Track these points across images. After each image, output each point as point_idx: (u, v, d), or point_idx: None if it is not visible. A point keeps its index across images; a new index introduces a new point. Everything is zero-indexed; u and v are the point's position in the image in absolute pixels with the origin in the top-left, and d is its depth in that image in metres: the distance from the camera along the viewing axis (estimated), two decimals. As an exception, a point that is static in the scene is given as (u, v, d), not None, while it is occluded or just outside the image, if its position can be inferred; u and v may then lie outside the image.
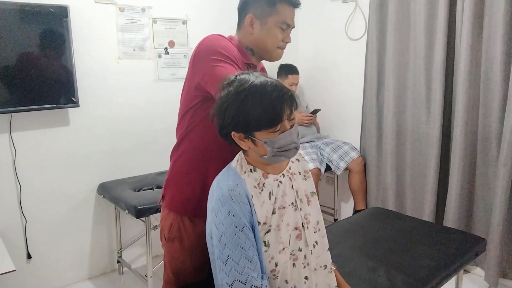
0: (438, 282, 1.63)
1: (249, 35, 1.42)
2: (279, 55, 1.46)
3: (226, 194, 1.10)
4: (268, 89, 1.08)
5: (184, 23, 2.93)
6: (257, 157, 1.16)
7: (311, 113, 3.29)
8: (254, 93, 1.08)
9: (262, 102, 1.07)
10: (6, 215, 2.36)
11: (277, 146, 1.10)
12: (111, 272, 2.81)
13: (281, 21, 1.39)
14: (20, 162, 2.38)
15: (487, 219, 2.45)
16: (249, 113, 1.07)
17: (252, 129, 1.10)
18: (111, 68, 2.65)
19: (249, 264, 1.07)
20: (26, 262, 2.46)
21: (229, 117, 1.10)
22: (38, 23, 2.26)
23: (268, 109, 1.06)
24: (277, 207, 1.17)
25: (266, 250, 1.13)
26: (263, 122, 1.07)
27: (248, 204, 1.11)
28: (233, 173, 1.17)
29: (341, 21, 3.25)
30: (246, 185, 1.14)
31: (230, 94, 1.11)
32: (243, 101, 1.08)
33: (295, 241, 1.21)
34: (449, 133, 2.65)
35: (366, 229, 2.09)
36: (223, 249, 1.09)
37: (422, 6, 2.60)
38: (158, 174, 2.77)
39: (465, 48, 2.38)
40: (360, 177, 3.08)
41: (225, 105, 1.11)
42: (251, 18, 1.40)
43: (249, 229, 1.10)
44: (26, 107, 2.27)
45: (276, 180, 1.19)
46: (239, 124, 1.10)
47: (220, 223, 1.10)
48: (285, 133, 1.10)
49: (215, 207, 1.12)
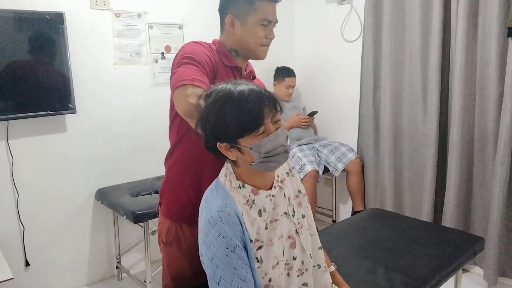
0: (437, 282, 1.64)
1: (231, 36, 1.42)
2: (264, 53, 1.45)
3: (215, 216, 1.07)
4: (245, 93, 1.05)
5: (180, 27, 2.94)
6: (247, 168, 1.13)
7: (308, 115, 3.29)
8: (231, 99, 1.05)
9: (239, 107, 1.04)
10: (4, 223, 2.36)
11: (264, 150, 1.06)
12: (110, 278, 2.80)
13: (261, 19, 1.37)
14: (17, 169, 2.37)
15: (485, 218, 2.46)
16: (228, 120, 1.04)
17: (234, 137, 1.07)
18: (107, 74, 2.65)
19: (242, 284, 1.05)
20: (24, 269, 2.45)
21: (210, 127, 1.08)
22: (34, 30, 2.26)
23: (245, 113, 1.03)
24: (268, 221, 1.15)
25: (259, 266, 1.11)
26: (242, 127, 1.04)
27: (239, 223, 1.08)
28: (222, 191, 1.13)
29: (336, 23, 3.26)
30: (235, 204, 1.10)
31: (208, 104, 1.09)
32: (220, 109, 1.05)
33: (289, 250, 1.19)
34: (446, 133, 2.65)
35: (364, 230, 2.09)
36: (216, 269, 1.06)
37: (417, 7, 2.61)
38: (156, 179, 2.77)
39: (460, 48, 2.40)
40: (358, 178, 3.09)
41: (205, 116, 1.09)
42: (231, 18, 1.40)
43: (241, 249, 1.07)
44: (23, 114, 2.27)
45: (268, 196, 1.16)
46: (220, 133, 1.07)
47: (211, 244, 1.07)
48: (270, 136, 1.07)
49: (205, 228, 1.09)
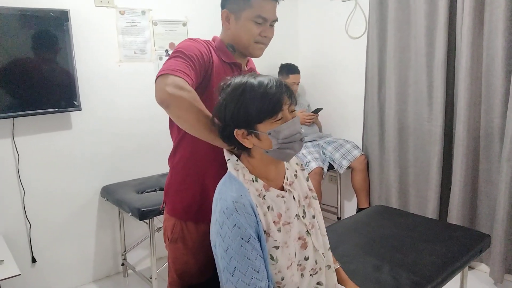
0: (443, 279, 1.63)
1: (226, 31, 1.42)
2: (258, 50, 1.42)
3: (231, 206, 1.08)
4: (265, 81, 1.10)
5: (185, 24, 2.94)
6: (261, 158, 1.15)
7: (313, 112, 3.29)
8: (252, 85, 1.10)
9: (260, 92, 1.08)
10: (10, 220, 2.37)
11: (282, 136, 1.10)
12: (115, 274, 2.82)
13: (255, 15, 1.35)
14: (23, 167, 2.38)
15: (491, 215, 2.45)
16: (249, 104, 1.08)
17: (254, 122, 1.10)
18: (112, 71, 2.66)
19: (256, 275, 1.07)
20: (31, 266, 2.47)
21: (230, 113, 1.11)
22: (39, 27, 2.26)
23: (266, 97, 1.08)
24: (282, 224, 1.16)
25: (273, 264, 1.13)
26: (263, 111, 1.08)
27: (253, 214, 1.10)
28: (236, 182, 1.15)
29: (341, 20, 3.25)
30: (250, 195, 1.12)
31: (227, 93, 1.12)
32: (241, 94, 1.09)
33: (300, 251, 1.21)
34: (451, 129, 2.64)
35: (369, 227, 2.08)
36: (230, 260, 1.07)
37: (422, 3, 2.59)
38: (161, 176, 2.77)
39: (466, 44, 2.38)
40: (363, 175, 3.08)
41: (224, 103, 1.12)
42: (226, 13, 1.40)
43: (255, 239, 1.09)
44: (28, 112, 2.28)
45: (279, 196, 1.18)
46: (240, 118, 1.10)
47: (225, 235, 1.08)
48: (288, 122, 1.11)
49: (220, 219, 1.10)
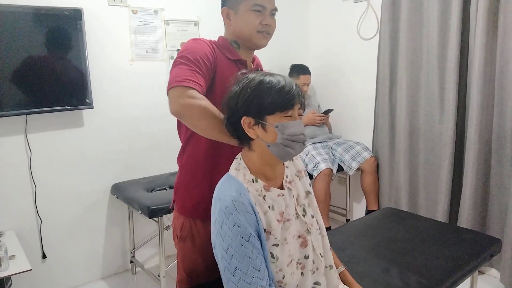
0: (452, 284, 1.61)
1: (229, 28, 1.45)
2: (263, 40, 1.42)
3: (230, 206, 1.09)
4: (283, 80, 1.13)
5: (196, 24, 2.95)
6: (261, 154, 1.16)
7: (323, 113, 3.28)
8: (271, 80, 1.13)
9: (278, 86, 1.11)
10: (22, 216, 2.40)
11: (287, 132, 1.11)
12: (124, 272, 2.84)
13: (252, 4, 1.37)
14: (35, 163, 2.41)
15: (502, 219, 2.42)
16: (264, 94, 1.10)
17: (264, 112, 1.11)
18: (124, 70, 2.68)
19: (257, 273, 1.07)
20: (41, 261, 2.50)
21: (243, 99, 1.12)
22: (53, 26, 2.29)
23: (283, 91, 1.10)
24: (282, 221, 1.17)
25: (274, 262, 1.13)
26: (277, 103, 1.10)
27: (253, 213, 1.10)
28: (235, 182, 1.16)
29: (353, 21, 3.24)
30: (249, 194, 1.13)
31: (244, 82, 1.14)
32: (260, 83, 1.12)
33: (300, 249, 1.21)
34: (463, 132, 2.61)
35: (378, 230, 2.07)
36: (231, 260, 1.08)
37: (435, 4, 2.57)
38: (171, 175, 2.79)
39: (479, 47, 2.35)
40: (373, 177, 3.06)
41: (239, 90, 1.14)
42: (226, 10, 1.43)
43: (256, 238, 1.09)
44: (41, 109, 2.31)
45: (280, 195, 1.19)
46: (252, 106, 1.12)
47: (225, 234, 1.09)
48: (296, 121, 1.13)
49: (219, 219, 1.11)
